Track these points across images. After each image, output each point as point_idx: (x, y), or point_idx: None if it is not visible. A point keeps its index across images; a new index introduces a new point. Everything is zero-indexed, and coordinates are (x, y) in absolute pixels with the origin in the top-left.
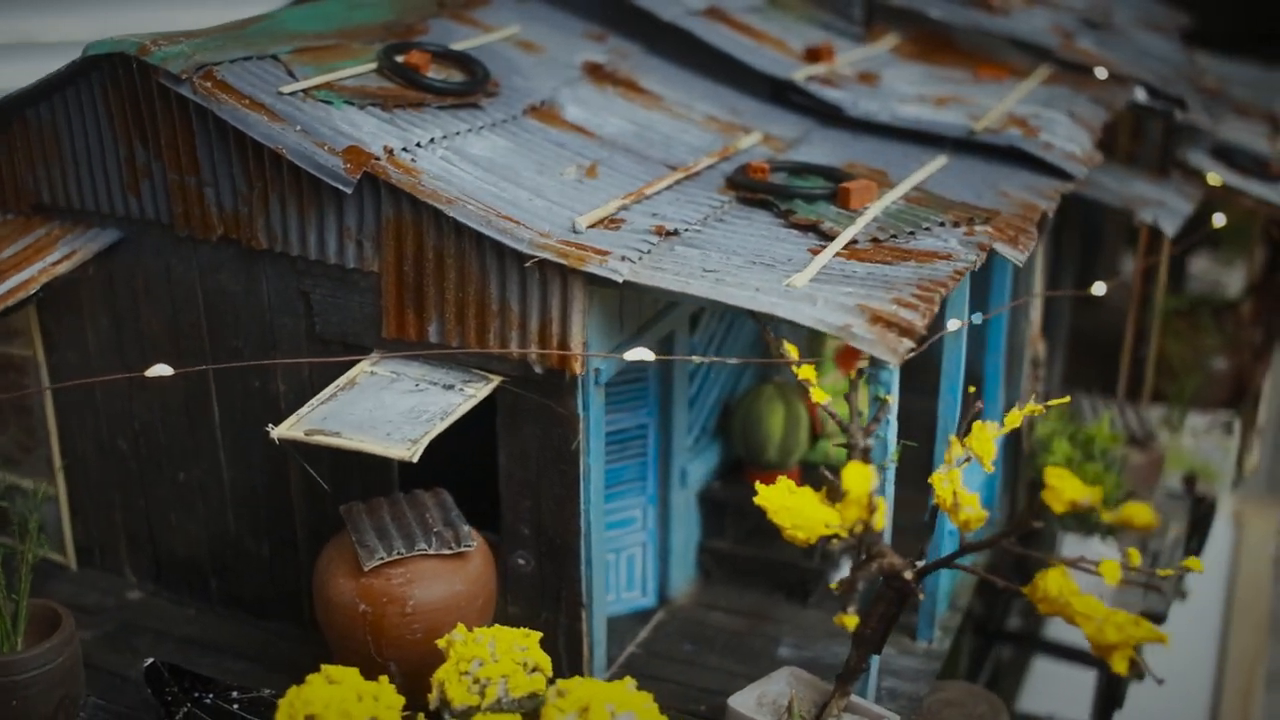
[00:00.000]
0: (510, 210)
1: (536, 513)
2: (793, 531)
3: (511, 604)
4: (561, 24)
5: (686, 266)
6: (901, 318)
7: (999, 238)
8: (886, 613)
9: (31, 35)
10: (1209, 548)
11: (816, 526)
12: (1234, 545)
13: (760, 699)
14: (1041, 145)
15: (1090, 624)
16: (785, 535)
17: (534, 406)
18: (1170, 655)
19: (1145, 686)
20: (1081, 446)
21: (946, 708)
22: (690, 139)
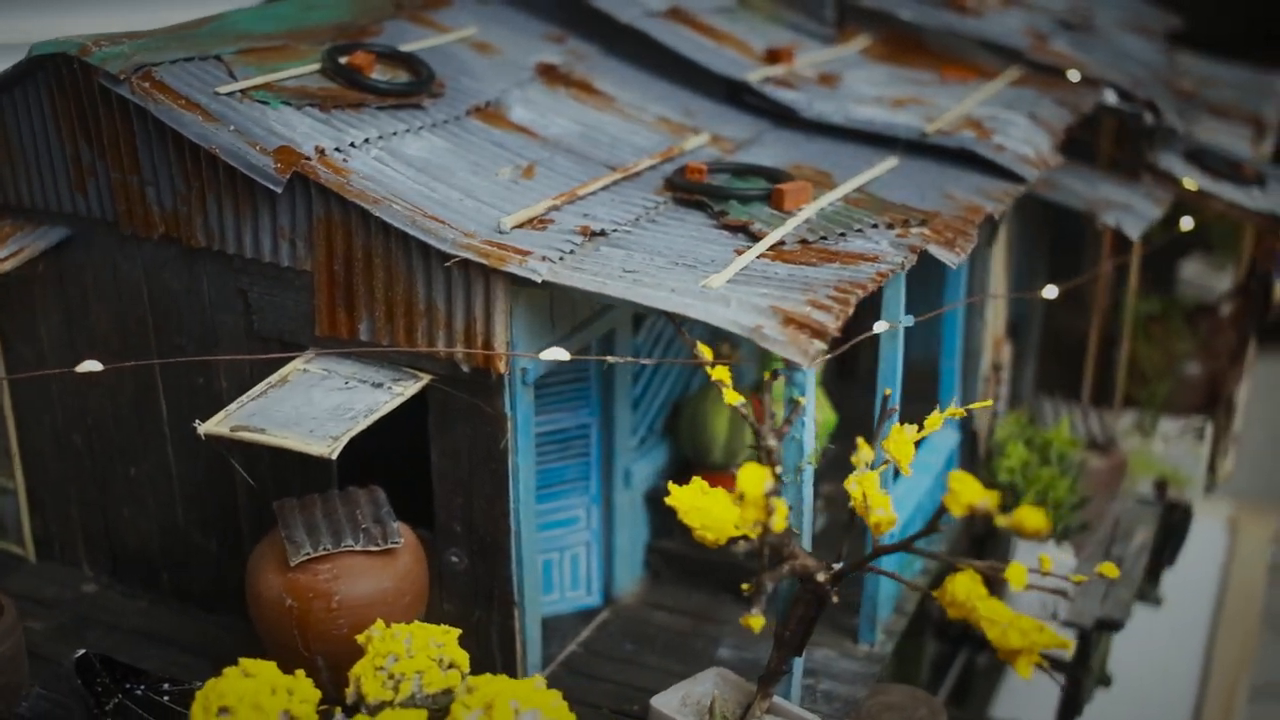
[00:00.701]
0: (438, 210)
1: (468, 511)
2: (702, 532)
3: (446, 601)
4: (521, 26)
5: (607, 267)
6: (814, 319)
7: (934, 240)
8: (805, 615)
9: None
10: (1202, 554)
11: (726, 528)
12: (1227, 552)
13: (685, 699)
14: (994, 147)
15: (995, 628)
16: (695, 536)
17: (463, 405)
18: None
19: (1128, 696)
20: (1039, 450)
21: (886, 711)
22: (638, 140)
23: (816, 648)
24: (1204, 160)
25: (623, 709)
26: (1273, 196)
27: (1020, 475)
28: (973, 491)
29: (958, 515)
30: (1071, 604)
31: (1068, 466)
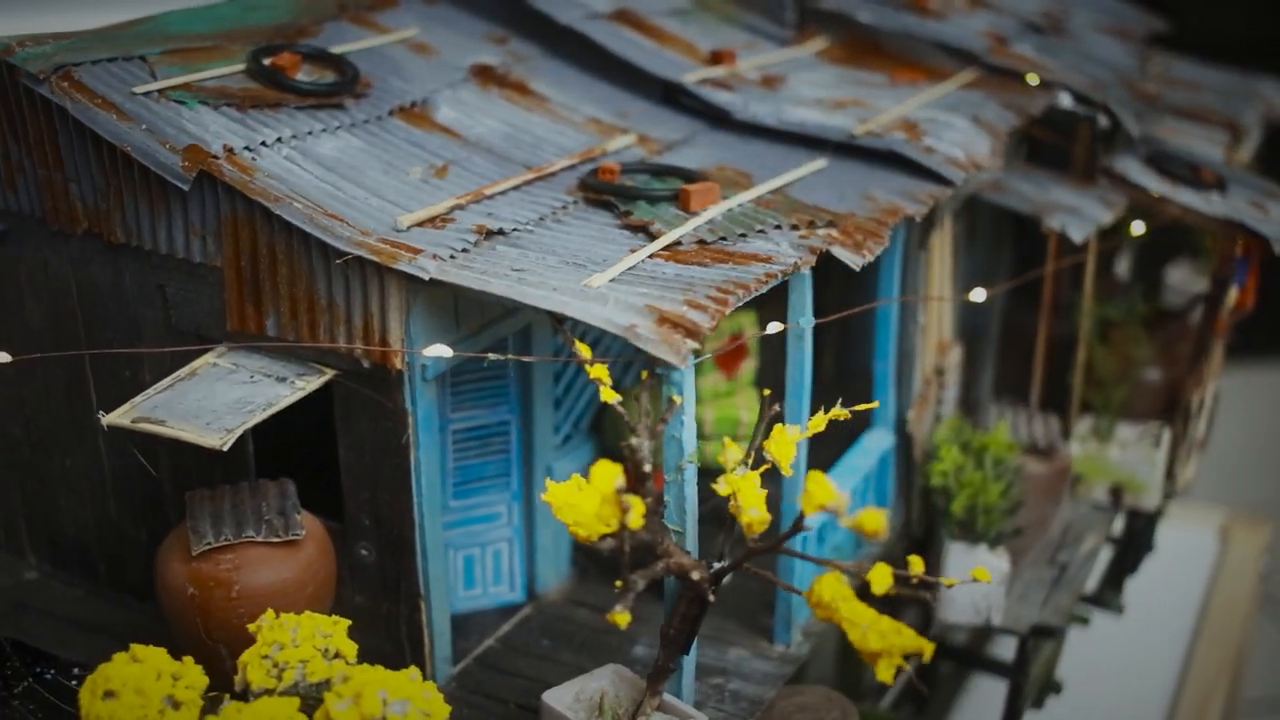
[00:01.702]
0: (340, 209)
1: (375, 504)
2: (574, 529)
3: (357, 593)
4: (465, 27)
5: (497, 265)
6: (688, 319)
7: (838, 242)
8: (687, 613)
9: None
10: (1191, 563)
11: (596, 525)
12: (1216, 562)
13: (578, 695)
14: (923, 149)
15: (855, 630)
16: (570, 532)
17: (366, 400)
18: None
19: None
20: (974, 454)
21: (799, 712)
22: (564, 141)
23: (730, 647)
24: (1164, 164)
25: (529, 704)
26: (1233, 201)
27: (953, 479)
28: (825, 492)
29: (809, 513)
30: (1008, 609)
31: (1002, 471)
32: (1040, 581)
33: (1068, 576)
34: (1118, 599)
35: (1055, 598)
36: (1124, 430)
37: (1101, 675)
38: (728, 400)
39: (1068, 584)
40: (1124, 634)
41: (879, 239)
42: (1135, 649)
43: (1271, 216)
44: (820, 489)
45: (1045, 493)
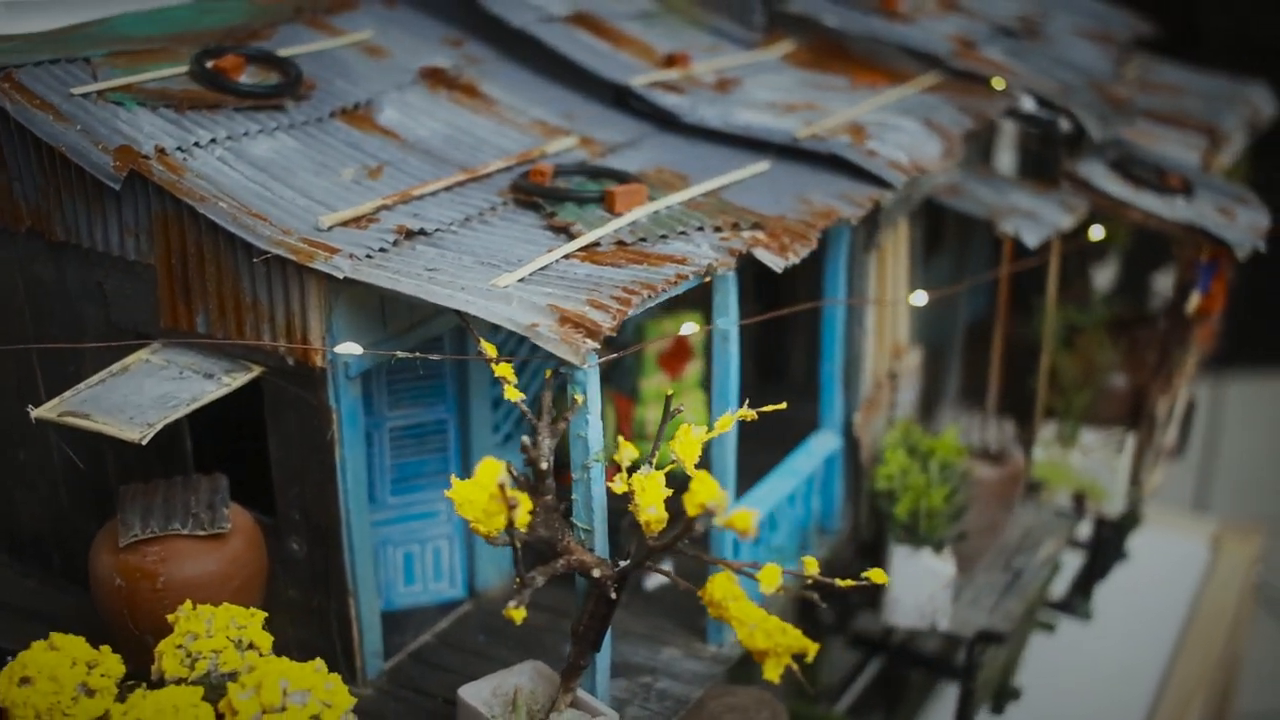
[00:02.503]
0: (266, 209)
1: (303, 500)
2: (474, 525)
3: (290, 587)
4: (422, 30)
5: (412, 265)
6: (589, 319)
7: (762, 244)
8: (595, 611)
9: None
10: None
11: (496, 520)
12: (1205, 572)
13: (496, 690)
14: (865, 153)
15: (743, 629)
16: (472, 528)
17: (293, 397)
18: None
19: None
20: (921, 458)
21: (729, 712)
22: (505, 143)
23: (664, 647)
24: (1130, 169)
25: (455, 699)
26: (1198, 207)
27: (899, 482)
28: (708, 492)
29: (692, 514)
30: (956, 614)
31: (948, 475)
32: (993, 586)
33: (1021, 582)
34: (1086, 606)
35: (1005, 603)
36: (1088, 436)
37: (1079, 683)
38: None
39: (1020, 590)
40: (1106, 642)
41: (806, 241)
42: (1116, 657)
43: (1238, 222)
44: (704, 488)
45: (996, 497)
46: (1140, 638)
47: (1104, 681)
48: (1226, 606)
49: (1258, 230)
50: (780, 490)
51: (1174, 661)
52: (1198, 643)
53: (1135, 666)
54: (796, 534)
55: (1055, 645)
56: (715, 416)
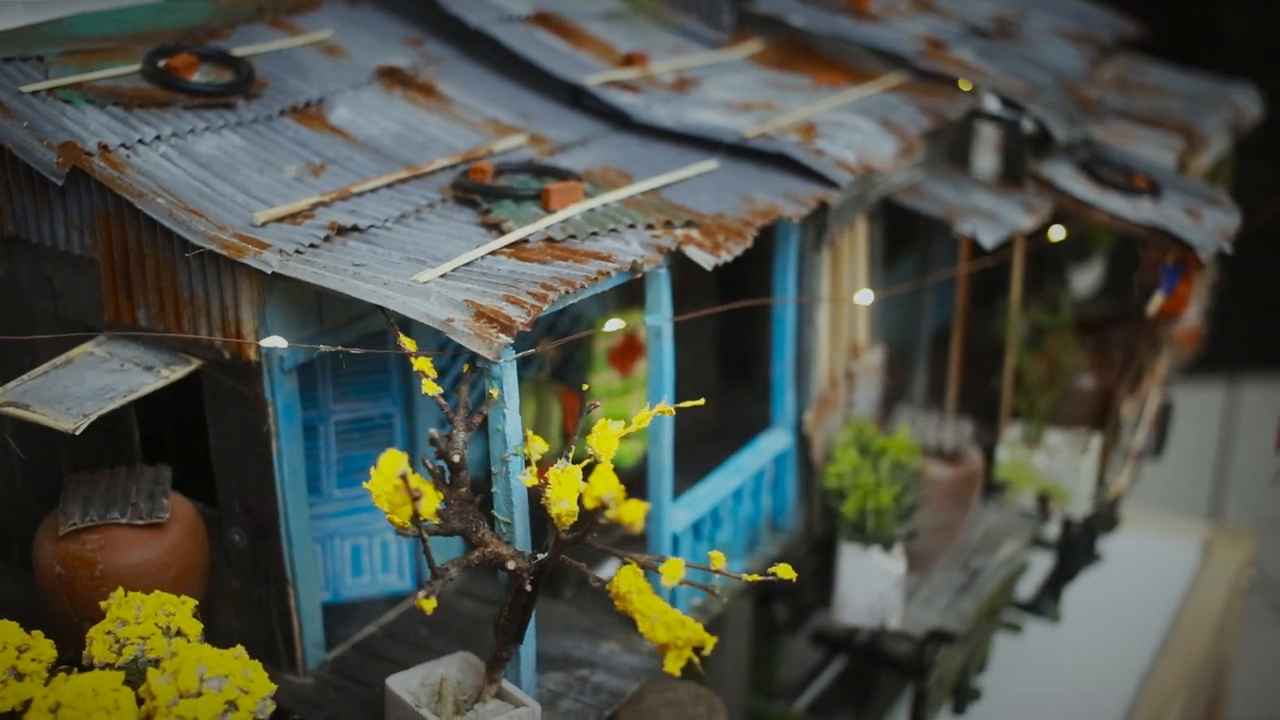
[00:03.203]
0: (205, 205)
1: (243, 491)
2: (390, 515)
3: (233, 578)
4: (383, 30)
5: (340, 261)
6: (504, 314)
7: (695, 242)
8: (514, 603)
9: None
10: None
11: (404, 512)
12: (1194, 575)
13: (424, 680)
14: (812, 152)
15: (645, 621)
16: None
17: (230, 390)
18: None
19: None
20: (873, 457)
21: (665, 707)
22: (456, 141)
23: (604, 641)
24: (1096, 170)
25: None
26: (1164, 208)
27: (848, 481)
28: (604, 484)
29: (590, 507)
30: (910, 613)
31: (898, 475)
32: (949, 586)
33: (977, 582)
34: (1055, 608)
35: (959, 603)
36: (1054, 437)
37: (1059, 684)
38: (622, 398)
39: (976, 590)
40: (1089, 643)
41: (741, 239)
42: (1098, 659)
43: (1205, 224)
44: (600, 482)
45: (951, 497)
46: (1124, 640)
47: (1084, 683)
48: (1212, 609)
49: (1224, 232)
50: (724, 488)
51: (1156, 664)
52: (1180, 645)
53: (1117, 668)
54: (744, 531)
55: (1036, 646)
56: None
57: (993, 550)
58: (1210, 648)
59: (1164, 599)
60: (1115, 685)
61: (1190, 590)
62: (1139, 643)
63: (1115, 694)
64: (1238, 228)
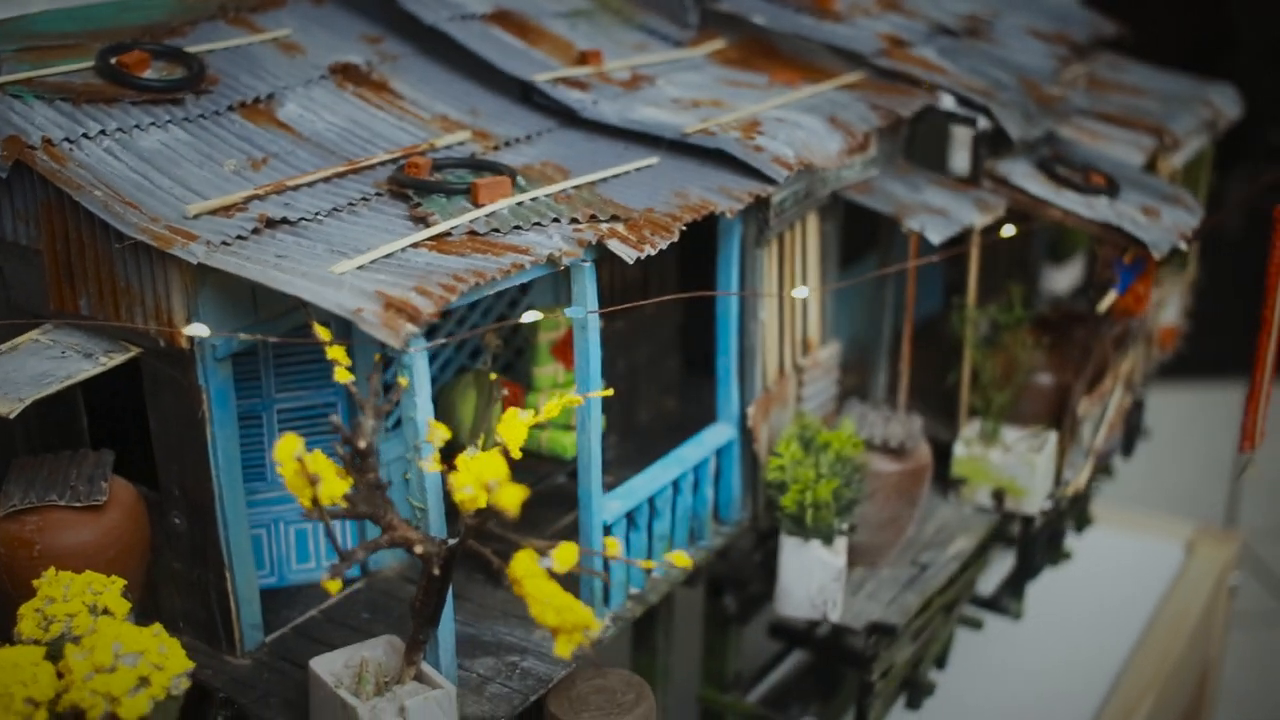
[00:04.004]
0: (141, 198)
1: (181, 476)
2: (301, 500)
3: (174, 560)
4: (344, 28)
5: (264, 253)
6: (411, 304)
7: (619, 236)
8: (428, 587)
9: None
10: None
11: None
12: (1174, 575)
13: (348, 662)
14: (751, 148)
15: (536, 605)
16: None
17: (167, 377)
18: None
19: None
20: (817, 451)
21: (595, 693)
22: (402, 137)
23: (538, 628)
24: (1054, 168)
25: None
26: (1121, 206)
27: (789, 474)
28: (491, 470)
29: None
30: (854, 606)
31: (838, 468)
32: (896, 580)
33: (924, 577)
34: (1017, 605)
35: (903, 597)
36: (1011, 434)
37: (1030, 681)
38: (567, 390)
39: (922, 584)
40: (1062, 642)
41: (668, 234)
42: (1072, 656)
43: (1163, 222)
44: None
45: (898, 492)
46: (1100, 639)
47: (1056, 680)
48: (1191, 610)
49: (1181, 231)
50: (661, 479)
51: (1129, 662)
52: (1155, 645)
53: (1091, 667)
54: (686, 522)
55: (1009, 644)
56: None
57: (944, 546)
58: (1188, 648)
59: (1143, 599)
60: (1087, 683)
61: (1170, 591)
62: (1114, 642)
63: (1087, 692)
64: (1197, 226)
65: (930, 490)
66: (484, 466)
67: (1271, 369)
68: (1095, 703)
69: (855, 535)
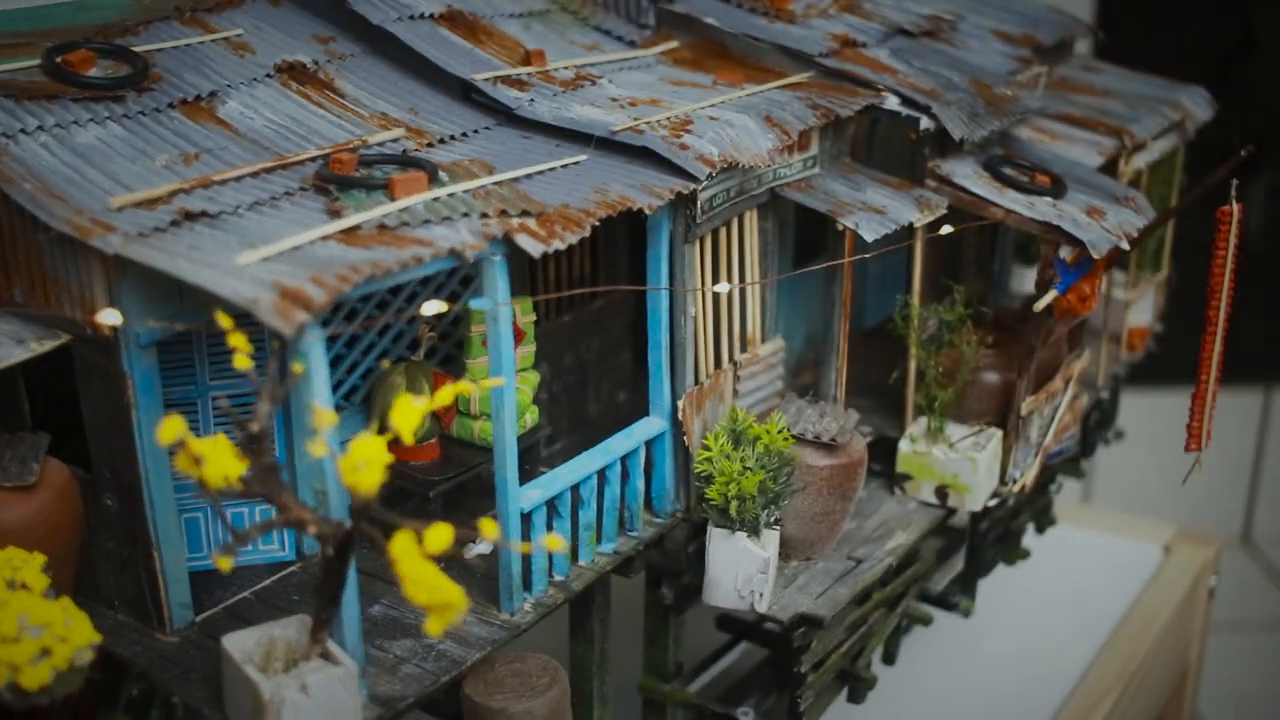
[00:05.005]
0: (70, 190)
1: (111, 458)
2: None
3: (108, 540)
4: (297, 28)
5: (179, 244)
6: (305, 293)
7: (527, 230)
8: (328, 568)
9: None
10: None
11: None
12: (1149, 577)
13: (259, 640)
14: (676, 146)
15: (409, 583)
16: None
17: (95, 364)
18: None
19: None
20: (748, 444)
21: (512, 676)
22: (338, 134)
23: None
24: (999, 168)
25: None
26: (1064, 205)
27: (715, 467)
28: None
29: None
30: (784, 597)
31: (767, 461)
32: (829, 574)
33: (857, 571)
34: (968, 602)
35: (834, 590)
36: (956, 431)
37: (994, 678)
38: None
39: (854, 578)
40: (1030, 641)
41: (579, 228)
42: (1040, 654)
43: (1108, 222)
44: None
45: (830, 486)
46: (1068, 638)
47: (1019, 679)
48: (1162, 611)
49: (1125, 231)
50: (584, 469)
51: (1093, 663)
52: (1122, 645)
53: (1056, 666)
54: (614, 512)
55: (974, 641)
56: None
57: (883, 541)
58: (1159, 650)
59: (1116, 600)
60: (1052, 682)
61: (1143, 592)
62: (1083, 642)
63: (1050, 691)
64: (1143, 226)
65: (878, 486)
66: (367, 450)
67: (1218, 371)
68: (1057, 701)
69: (787, 528)
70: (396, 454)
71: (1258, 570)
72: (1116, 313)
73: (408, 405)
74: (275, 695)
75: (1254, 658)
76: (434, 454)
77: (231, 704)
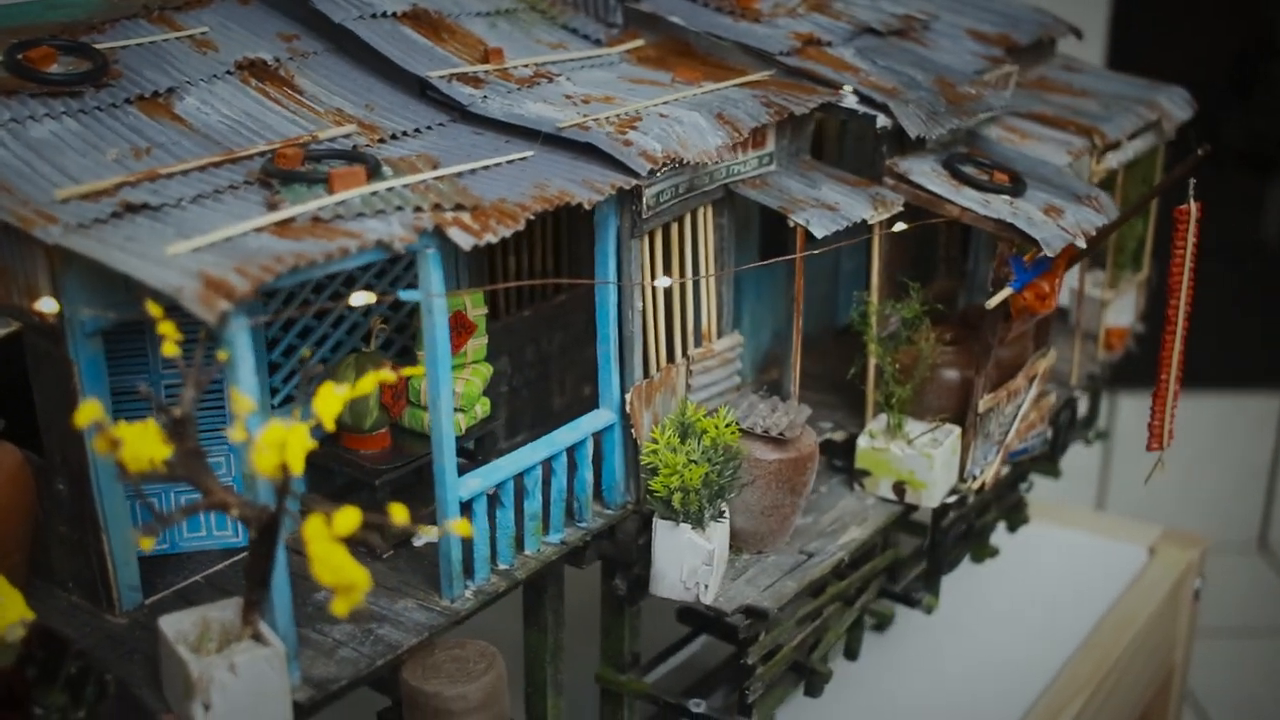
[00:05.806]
0: (18, 182)
1: (61, 443)
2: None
3: (61, 523)
4: (263, 26)
5: (117, 235)
6: (228, 282)
7: (460, 224)
8: (255, 550)
9: None
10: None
11: (143, 462)
12: (1131, 579)
13: (195, 622)
14: (620, 143)
15: (317, 564)
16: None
17: (44, 351)
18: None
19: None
20: (697, 437)
21: (450, 661)
22: (291, 130)
23: (403, 598)
24: (958, 166)
25: None
26: (1021, 204)
27: (661, 459)
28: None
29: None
30: (730, 590)
31: (713, 454)
32: (780, 567)
33: (807, 565)
34: (931, 599)
35: (782, 583)
36: (915, 428)
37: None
38: (454, 373)
39: (803, 572)
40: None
41: (513, 223)
42: (1015, 653)
43: (1065, 220)
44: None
45: (779, 479)
46: (1046, 638)
47: (989, 678)
48: (1140, 613)
49: (1084, 230)
50: (528, 459)
51: (1067, 663)
52: (1097, 646)
53: (1029, 666)
54: (560, 502)
55: (945, 640)
56: (429, 383)
57: (836, 535)
58: (1137, 652)
59: (1095, 600)
60: (1023, 682)
61: (1124, 593)
62: (1059, 642)
63: (1020, 690)
64: (1103, 226)
65: (839, 482)
66: (280, 435)
67: (1178, 369)
68: (1028, 700)
69: (737, 521)
70: (348, 443)
71: (1275, 576)
72: (1091, 311)
73: (329, 392)
74: (204, 674)
75: (1270, 664)
76: (384, 443)
77: (167, 683)
